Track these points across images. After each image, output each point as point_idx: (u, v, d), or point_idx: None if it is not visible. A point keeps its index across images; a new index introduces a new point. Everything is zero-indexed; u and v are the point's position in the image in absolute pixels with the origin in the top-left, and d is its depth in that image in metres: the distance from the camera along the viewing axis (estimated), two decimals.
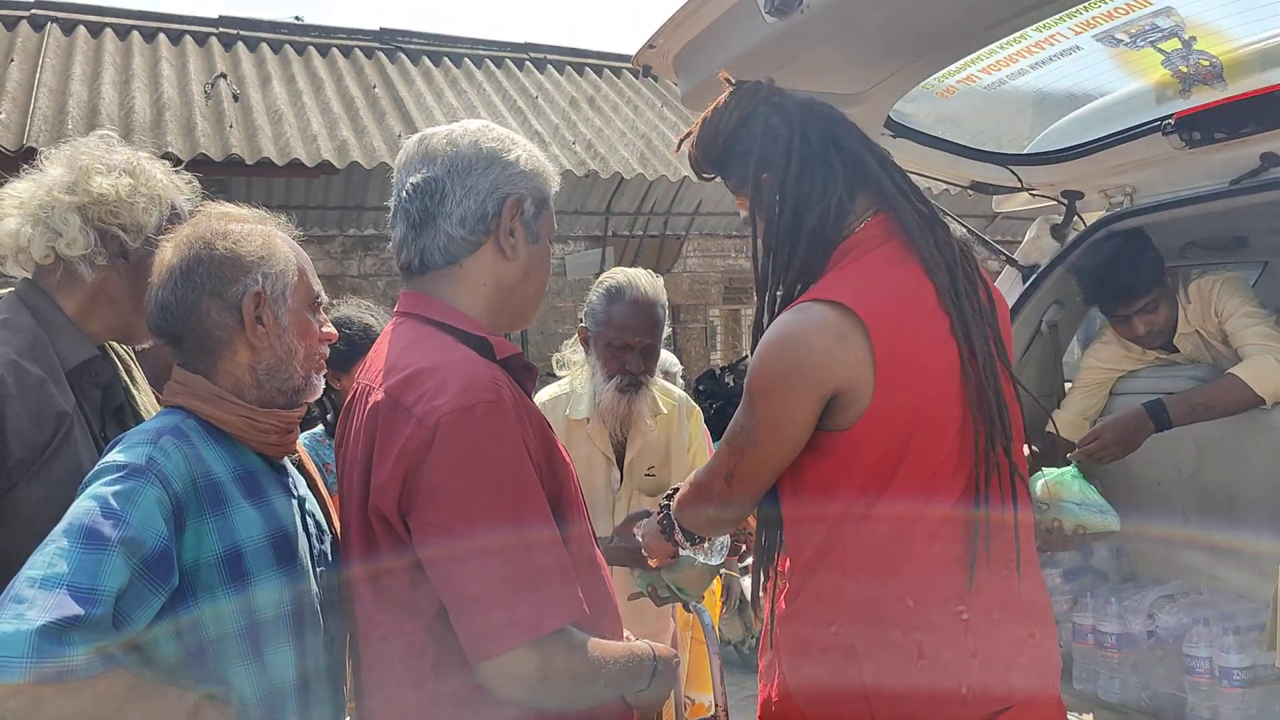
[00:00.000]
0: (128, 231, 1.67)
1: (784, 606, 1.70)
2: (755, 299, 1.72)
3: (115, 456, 1.37)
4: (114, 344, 1.82)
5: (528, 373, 1.56)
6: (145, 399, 1.84)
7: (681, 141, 1.85)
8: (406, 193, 1.52)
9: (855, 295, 1.55)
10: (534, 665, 1.34)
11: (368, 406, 1.45)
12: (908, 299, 1.59)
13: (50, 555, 1.24)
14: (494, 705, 1.38)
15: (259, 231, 1.52)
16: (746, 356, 10.85)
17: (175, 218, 1.73)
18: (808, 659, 1.66)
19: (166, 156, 1.88)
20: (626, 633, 1.64)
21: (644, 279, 2.69)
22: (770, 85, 1.75)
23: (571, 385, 2.80)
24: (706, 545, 2.10)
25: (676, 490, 1.95)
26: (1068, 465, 2.60)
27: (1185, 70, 2.51)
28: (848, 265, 1.63)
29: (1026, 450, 1.79)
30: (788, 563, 1.72)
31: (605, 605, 1.54)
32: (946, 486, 1.57)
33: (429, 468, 1.34)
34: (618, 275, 2.70)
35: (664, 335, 2.75)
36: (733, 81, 1.77)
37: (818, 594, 1.64)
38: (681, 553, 2.08)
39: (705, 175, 1.82)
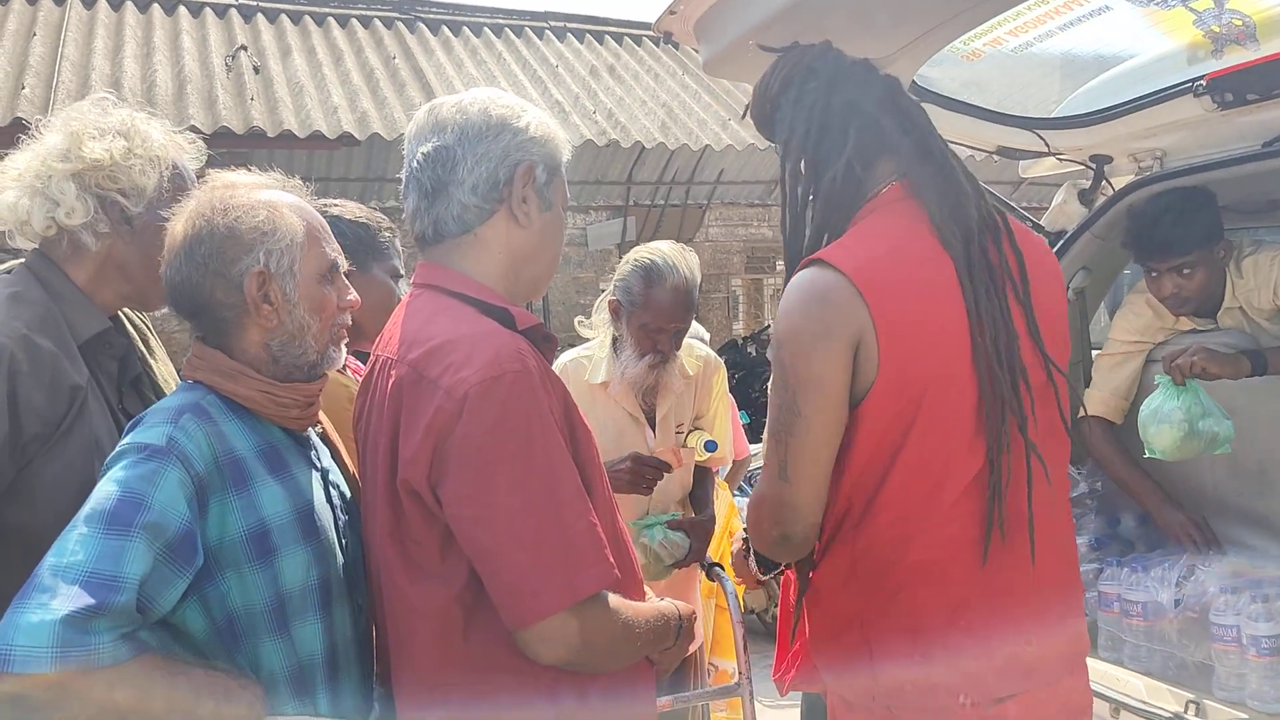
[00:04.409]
0: (127, 196, 1.63)
1: (810, 577, 1.71)
2: (786, 264, 1.72)
3: (136, 437, 1.36)
4: (130, 314, 1.80)
5: (548, 343, 1.55)
6: (163, 369, 1.82)
7: (746, 110, 1.85)
8: (418, 162, 1.52)
9: (858, 265, 1.54)
10: (574, 630, 1.36)
11: (391, 380, 1.45)
12: (919, 268, 1.56)
13: (73, 542, 1.23)
14: (524, 671, 1.40)
15: (263, 202, 1.46)
16: (768, 326, 10.86)
17: (178, 178, 1.69)
18: (823, 630, 1.68)
19: (190, 129, 1.84)
20: (648, 592, 1.66)
21: (683, 262, 2.64)
22: (818, 49, 1.74)
23: (593, 350, 2.80)
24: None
25: None
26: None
27: (1217, 30, 2.46)
28: (860, 230, 1.62)
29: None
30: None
31: (629, 570, 1.55)
32: (957, 468, 1.54)
33: (459, 439, 1.34)
34: (656, 256, 2.63)
35: None
36: (768, 47, 1.77)
37: (832, 570, 1.64)
38: None
39: (773, 141, 1.81)
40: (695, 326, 4.37)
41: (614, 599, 1.43)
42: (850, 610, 1.62)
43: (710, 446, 2.83)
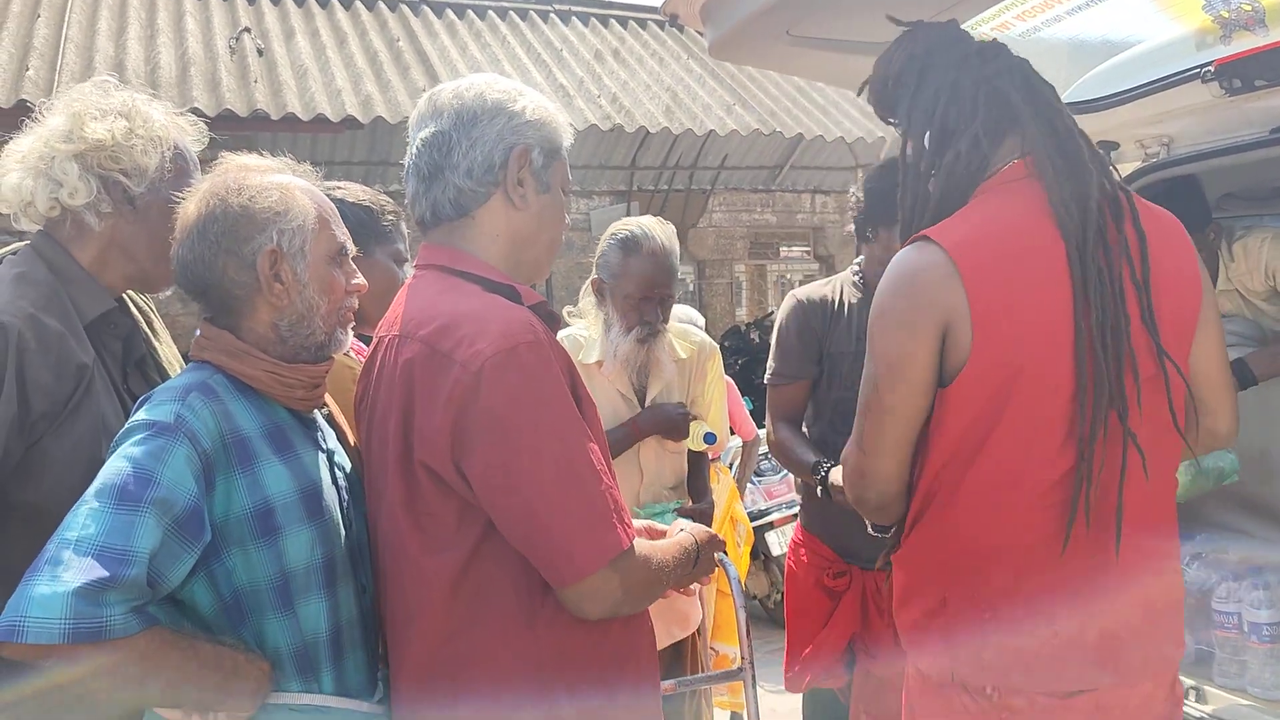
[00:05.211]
0: (129, 176, 1.64)
1: (899, 547, 1.72)
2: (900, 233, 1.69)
3: (144, 415, 1.38)
4: (134, 296, 1.81)
5: (551, 321, 1.58)
6: (167, 350, 1.84)
7: (863, 87, 1.83)
8: (416, 148, 1.55)
9: (959, 241, 1.52)
10: (615, 583, 1.41)
11: (401, 358, 1.46)
12: (1026, 249, 1.54)
13: (84, 516, 1.25)
14: (530, 631, 1.44)
15: (276, 184, 1.49)
16: (772, 313, 10.82)
17: (180, 158, 1.71)
18: (908, 602, 1.68)
19: (193, 112, 1.84)
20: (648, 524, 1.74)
21: (658, 229, 2.68)
22: (946, 27, 1.73)
23: (588, 331, 2.81)
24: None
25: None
26: None
27: (1226, 15, 2.44)
28: (970, 207, 1.60)
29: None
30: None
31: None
32: (1051, 453, 1.52)
33: (479, 412, 1.37)
34: (631, 226, 2.69)
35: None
36: (901, 21, 1.77)
37: (921, 542, 1.65)
38: None
39: (889, 120, 1.79)
40: (690, 312, 4.38)
41: (641, 545, 1.48)
42: (936, 586, 1.62)
43: (709, 439, 2.82)
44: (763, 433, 4.54)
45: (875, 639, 2.81)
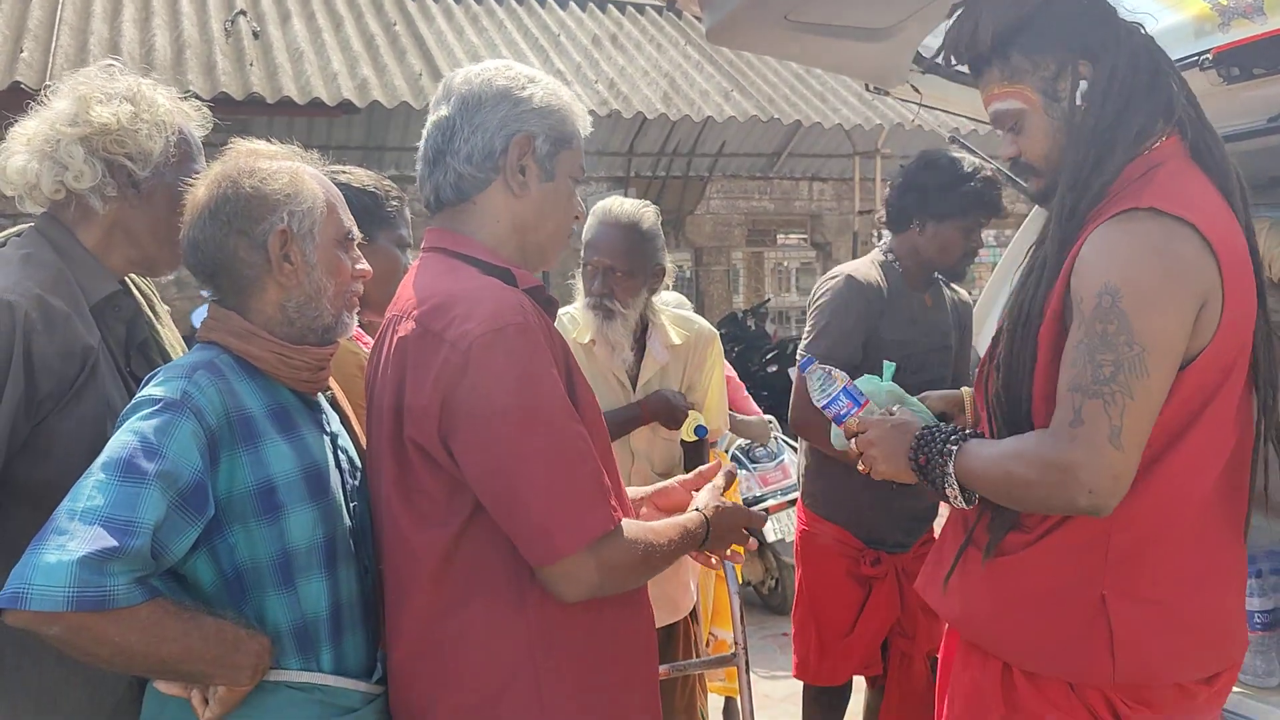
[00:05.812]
0: (134, 160, 1.66)
1: (1004, 555, 1.60)
2: (1059, 201, 1.56)
3: (151, 391, 1.40)
4: (136, 279, 1.83)
5: (549, 305, 1.60)
6: (169, 334, 1.85)
7: (956, 8, 1.69)
8: (426, 132, 1.57)
9: (1205, 219, 1.45)
10: (591, 568, 1.41)
11: (397, 336, 1.48)
12: (1236, 230, 1.52)
13: (90, 488, 1.27)
14: (519, 611, 1.45)
15: (286, 168, 1.52)
16: (769, 299, 10.80)
17: (184, 143, 1.72)
18: (1040, 609, 1.58)
19: (189, 96, 1.84)
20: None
21: (625, 203, 2.69)
22: None
23: (580, 309, 2.82)
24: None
25: (956, 436, 1.63)
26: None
27: (1225, 3, 2.44)
28: (1172, 181, 1.51)
29: None
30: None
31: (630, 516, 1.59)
32: (1226, 437, 1.50)
33: (466, 391, 1.38)
34: (606, 200, 2.72)
35: (654, 266, 2.70)
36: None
37: (1070, 541, 1.54)
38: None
39: (960, 60, 1.67)
40: (680, 298, 4.36)
41: (631, 527, 1.48)
42: (1090, 585, 1.53)
43: (700, 432, 2.80)
44: (768, 418, 4.54)
45: (911, 621, 2.84)
